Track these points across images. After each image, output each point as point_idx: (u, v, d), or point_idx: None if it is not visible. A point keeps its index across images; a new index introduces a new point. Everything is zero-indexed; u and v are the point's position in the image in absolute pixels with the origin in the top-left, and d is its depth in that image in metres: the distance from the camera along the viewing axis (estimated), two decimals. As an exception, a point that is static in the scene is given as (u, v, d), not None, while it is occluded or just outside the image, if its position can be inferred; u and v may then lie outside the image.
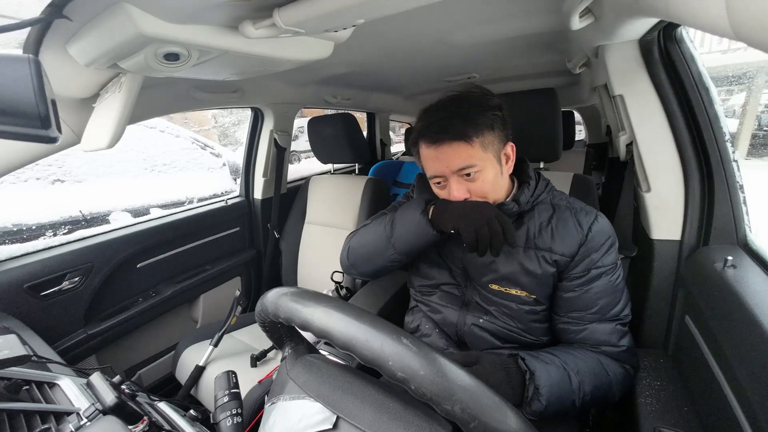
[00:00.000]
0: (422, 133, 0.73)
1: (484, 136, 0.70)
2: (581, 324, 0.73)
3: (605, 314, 0.72)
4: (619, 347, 0.72)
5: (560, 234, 0.74)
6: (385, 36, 1.03)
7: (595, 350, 0.73)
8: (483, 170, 0.71)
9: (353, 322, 0.41)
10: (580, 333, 0.73)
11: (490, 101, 0.72)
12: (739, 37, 0.37)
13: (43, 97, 0.40)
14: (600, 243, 0.73)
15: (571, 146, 2.40)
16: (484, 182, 0.72)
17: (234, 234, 1.73)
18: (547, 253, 0.74)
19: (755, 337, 0.52)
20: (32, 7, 0.54)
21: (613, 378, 0.70)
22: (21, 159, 0.87)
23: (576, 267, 0.73)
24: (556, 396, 0.63)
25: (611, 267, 0.73)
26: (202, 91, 1.30)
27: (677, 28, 0.81)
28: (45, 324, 1.06)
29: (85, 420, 0.49)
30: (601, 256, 0.72)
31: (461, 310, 0.84)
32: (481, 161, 0.70)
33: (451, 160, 0.70)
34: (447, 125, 0.69)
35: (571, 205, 0.78)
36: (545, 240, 0.74)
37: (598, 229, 0.73)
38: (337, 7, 0.56)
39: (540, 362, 0.66)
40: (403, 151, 3.50)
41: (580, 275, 0.73)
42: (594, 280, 0.72)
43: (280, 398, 0.48)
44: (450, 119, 0.69)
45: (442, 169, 0.72)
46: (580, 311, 0.73)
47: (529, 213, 0.78)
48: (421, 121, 0.74)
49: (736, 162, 0.80)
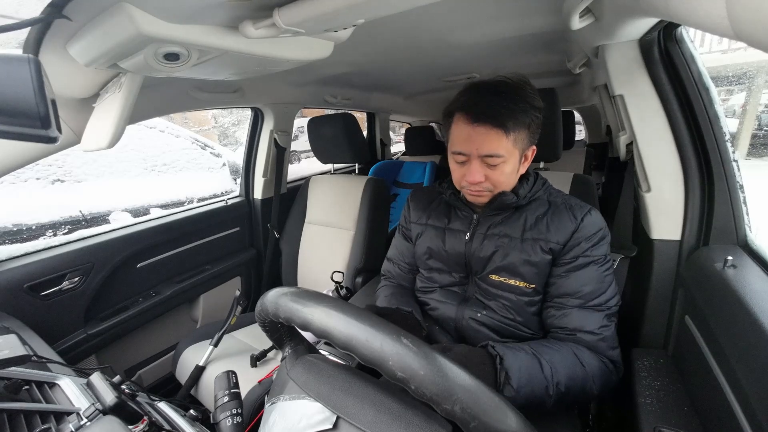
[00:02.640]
0: (464, 107, 0.72)
1: (519, 132, 0.71)
2: (563, 308, 0.74)
3: (588, 300, 0.73)
4: (596, 335, 0.71)
5: (555, 225, 0.76)
6: (385, 36, 1.03)
7: (571, 337, 0.72)
8: (506, 163, 0.72)
9: (353, 322, 0.41)
10: (561, 318, 0.74)
11: (536, 101, 0.73)
12: (739, 36, 0.37)
13: (43, 97, 0.40)
14: (591, 233, 0.75)
15: (571, 146, 2.40)
16: (501, 173, 0.73)
17: (234, 234, 1.73)
18: (543, 242, 0.76)
19: (755, 337, 0.52)
20: (32, 7, 0.54)
21: (588, 370, 0.68)
22: (21, 159, 0.87)
23: (567, 253, 0.75)
24: (526, 380, 0.62)
25: (600, 258, 0.75)
26: (202, 91, 1.30)
27: (677, 28, 0.81)
28: (45, 324, 1.06)
29: (85, 420, 0.49)
30: (590, 246, 0.74)
31: (460, 305, 0.85)
32: (507, 154, 0.71)
33: (482, 144, 0.70)
34: (492, 110, 0.69)
35: (566, 202, 0.80)
36: (541, 230, 0.77)
37: (590, 220, 0.75)
38: (337, 7, 0.56)
39: (509, 349, 0.66)
40: (403, 151, 3.50)
41: (569, 261, 0.75)
42: (581, 267, 0.74)
43: (280, 398, 0.48)
44: (497, 105, 0.69)
45: (469, 148, 0.72)
46: (565, 296, 0.75)
47: (526, 207, 0.80)
48: (467, 95, 0.73)
49: (736, 162, 0.80)
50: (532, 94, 0.73)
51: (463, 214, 0.86)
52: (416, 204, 0.96)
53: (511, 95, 0.71)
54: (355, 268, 1.47)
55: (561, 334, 0.74)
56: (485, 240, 0.81)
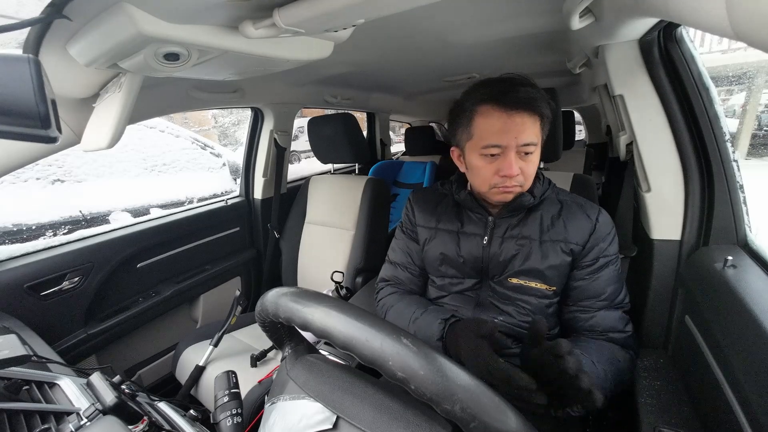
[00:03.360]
0: (493, 97, 0.68)
1: (545, 122, 0.72)
2: (590, 311, 0.76)
3: (613, 301, 0.76)
4: (625, 333, 0.76)
5: (572, 225, 0.77)
6: (385, 36, 1.03)
7: (603, 338, 0.75)
8: (536, 153, 0.72)
9: (353, 322, 0.41)
10: (590, 320, 0.76)
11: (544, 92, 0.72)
12: (739, 36, 0.37)
13: (43, 97, 0.40)
14: (606, 233, 0.77)
15: (571, 146, 2.40)
16: (533, 165, 0.72)
17: (234, 234, 1.73)
18: (563, 243, 0.76)
19: (755, 337, 0.52)
20: (32, 7, 0.54)
21: (623, 363, 0.72)
22: (21, 159, 0.87)
23: (586, 256, 0.76)
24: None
25: (614, 257, 0.78)
26: (202, 91, 1.30)
27: (677, 28, 0.81)
28: (45, 324, 1.06)
29: (85, 420, 0.49)
30: (607, 246, 0.76)
31: (474, 309, 0.83)
32: (539, 142, 0.71)
33: (521, 132, 0.67)
34: (526, 97, 0.67)
35: (575, 200, 0.81)
36: (559, 231, 0.77)
37: (604, 220, 0.78)
38: (337, 7, 0.56)
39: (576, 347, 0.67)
40: (403, 151, 3.50)
41: (591, 263, 0.76)
42: (602, 268, 0.76)
43: (280, 398, 0.48)
44: (528, 93, 0.67)
45: (507, 139, 0.68)
46: (591, 299, 0.76)
47: (539, 207, 0.80)
48: (489, 87, 0.70)
49: (736, 162, 0.80)
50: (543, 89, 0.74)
51: (477, 216, 0.82)
52: (422, 206, 0.91)
53: (535, 86, 0.70)
54: (355, 268, 1.47)
55: (592, 335, 0.76)
56: (504, 243, 0.78)
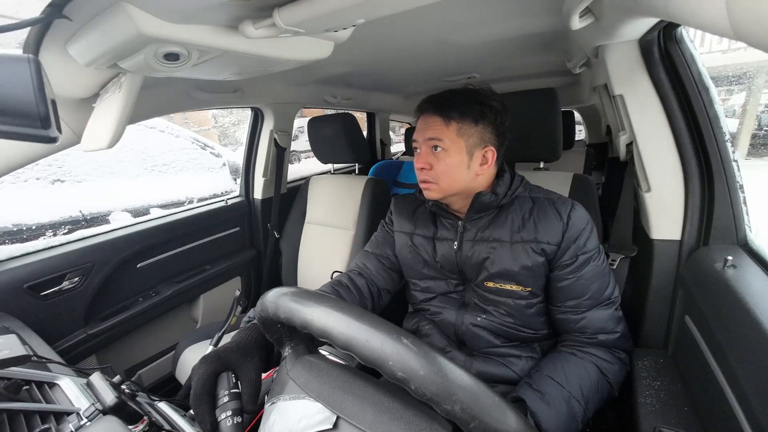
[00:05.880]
0: (419, 106, 0.81)
1: (464, 124, 0.74)
2: (579, 312, 0.76)
3: (599, 298, 0.75)
4: (616, 333, 0.76)
5: (543, 224, 0.76)
6: (385, 36, 1.03)
7: (593, 341, 0.75)
8: (448, 152, 0.75)
9: (353, 322, 0.41)
10: (580, 321, 0.76)
11: (488, 100, 0.76)
12: (739, 36, 0.37)
13: (43, 97, 0.40)
14: (581, 228, 0.76)
15: (571, 146, 2.40)
16: (445, 164, 0.76)
17: (234, 234, 1.73)
18: (534, 244, 0.76)
19: (755, 337, 0.52)
20: (32, 7, 0.54)
21: (612, 380, 0.72)
22: (21, 159, 0.87)
23: (564, 255, 0.75)
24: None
25: (595, 252, 0.77)
26: (202, 91, 1.30)
27: (677, 28, 0.81)
28: (45, 324, 1.06)
29: (85, 420, 0.49)
30: (585, 241, 0.76)
31: (459, 310, 0.85)
32: (450, 142, 0.75)
33: (425, 129, 0.77)
34: (437, 101, 0.77)
35: (548, 196, 0.81)
36: (529, 231, 0.77)
37: (576, 216, 0.76)
38: (337, 7, 0.56)
39: (544, 404, 0.65)
40: (403, 151, 3.50)
41: (570, 262, 0.75)
42: (584, 265, 0.75)
43: (280, 398, 0.48)
44: (441, 97, 0.78)
45: (418, 135, 0.79)
46: (577, 298, 0.76)
47: (510, 207, 0.80)
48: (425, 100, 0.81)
49: (736, 162, 0.80)
50: (488, 95, 0.77)
51: (448, 222, 0.85)
52: (400, 212, 0.95)
53: (461, 93, 0.78)
54: (355, 268, 1.46)
55: (582, 338, 0.76)
56: (474, 246, 0.80)
